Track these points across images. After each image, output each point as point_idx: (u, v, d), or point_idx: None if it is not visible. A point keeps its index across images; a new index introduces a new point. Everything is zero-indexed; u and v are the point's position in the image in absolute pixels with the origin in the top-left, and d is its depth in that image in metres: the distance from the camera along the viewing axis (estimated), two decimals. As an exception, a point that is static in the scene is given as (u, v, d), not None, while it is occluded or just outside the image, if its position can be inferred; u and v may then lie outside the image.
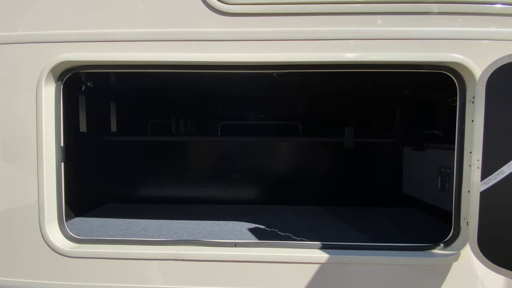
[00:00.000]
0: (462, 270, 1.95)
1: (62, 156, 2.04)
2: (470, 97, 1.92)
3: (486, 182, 1.69)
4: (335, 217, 2.97)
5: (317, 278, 1.95)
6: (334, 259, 1.94)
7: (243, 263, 1.95)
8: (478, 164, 1.70)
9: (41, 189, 1.95)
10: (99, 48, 1.89)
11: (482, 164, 1.69)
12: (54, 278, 2.00)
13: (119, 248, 2.03)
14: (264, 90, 3.45)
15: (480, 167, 1.69)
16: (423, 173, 3.29)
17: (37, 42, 1.92)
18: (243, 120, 4.14)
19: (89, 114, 3.23)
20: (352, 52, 1.92)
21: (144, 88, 3.58)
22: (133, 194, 3.76)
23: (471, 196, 1.73)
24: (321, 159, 3.88)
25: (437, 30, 1.91)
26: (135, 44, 1.89)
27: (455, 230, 2.01)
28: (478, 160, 1.70)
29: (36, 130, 1.93)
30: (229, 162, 3.90)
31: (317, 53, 1.91)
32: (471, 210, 1.73)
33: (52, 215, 2.03)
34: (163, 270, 1.98)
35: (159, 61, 1.91)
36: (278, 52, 1.90)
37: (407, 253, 2.00)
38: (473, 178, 1.73)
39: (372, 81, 3.14)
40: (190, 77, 2.65)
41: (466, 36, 1.91)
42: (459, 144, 1.98)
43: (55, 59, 1.90)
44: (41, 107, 1.93)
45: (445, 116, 3.06)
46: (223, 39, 1.88)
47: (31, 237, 1.99)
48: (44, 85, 1.92)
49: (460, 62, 1.89)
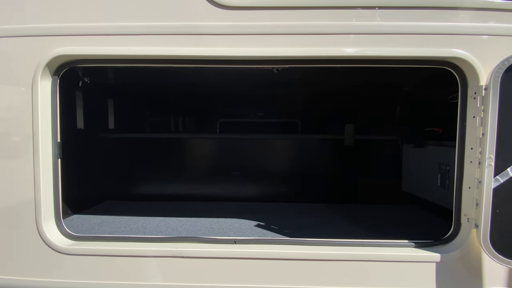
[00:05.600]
0: (463, 266, 1.94)
1: (59, 152, 2.01)
2: (472, 93, 1.91)
3: (499, 178, 1.69)
4: (334, 214, 2.96)
5: (317, 274, 1.94)
6: (334, 255, 1.93)
7: (243, 260, 1.93)
8: (491, 161, 1.70)
9: (38, 186, 1.92)
10: (96, 42, 1.86)
11: (494, 160, 1.69)
12: (51, 275, 1.98)
13: (117, 245, 2.01)
14: (264, 87, 3.43)
15: (493, 164, 1.69)
16: (422, 170, 3.28)
17: (32, 36, 1.88)
18: (242, 117, 4.12)
19: (86, 111, 3.20)
20: (353, 47, 1.90)
21: (143, 84, 3.55)
22: (131, 192, 3.73)
23: (484, 192, 1.73)
24: (320, 156, 3.87)
25: (439, 25, 1.89)
26: (133, 38, 1.85)
27: (455, 227, 2.00)
28: (491, 157, 1.70)
29: (32, 125, 1.90)
30: (227, 159, 3.88)
31: (318, 47, 1.89)
32: (484, 206, 1.74)
33: (49, 212, 2.00)
34: (161, 267, 1.96)
35: (158, 55, 1.87)
36: (279, 47, 1.88)
37: (407, 249, 2.00)
38: (486, 174, 1.72)
39: (371, 78, 3.12)
40: (189, 74, 2.62)
41: (468, 31, 1.89)
42: (460, 140, 1.97)
43: (51, 53, 1.86)
44: (37, 102, 1.89)
45: (445, 113, 3.06)
46: (223, 33, 1.85)
47: (27, 234, 1.96)
48: (40, 80, 1.88)
49: (462, 58, 1.87)
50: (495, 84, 1.71)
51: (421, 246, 2.01)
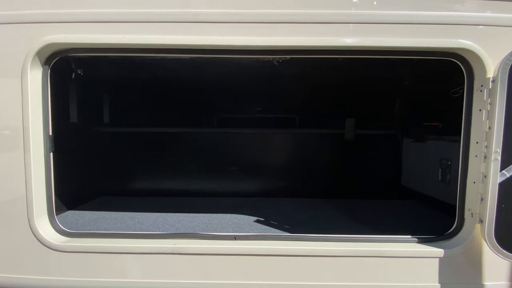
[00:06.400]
0: (466, 261, 1.92)
1: (51, 145, 1.93)
2: (478, 85, 1.86)
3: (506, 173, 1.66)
4: (334, 209, 2.93)
5: (320, 270, 1.90)
6: (336, 251, 1.90)
7: (243, 256, 1.89)
8: (497, 155, 1.67)
9: (29, 180, 1.85)
10: (89, 29, 1.76)
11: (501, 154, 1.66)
12: (44, 273, 1.91)
13: (112, 242, 1.95)
14: (263, 81, 3.36)
15: (499, 158, 1.65)
16: (423, 165, 3.26)
17: (21, 23, 1.78)
18: (241, 113, 4.04)
19: (80, 104, 3.11)
20: (354, 36, 1.82)
21: (138, 77, 3.46)
22: (127, 187, 3.67)
23: (489, 187, 1.70)
24: (320, 150, 3.83)
25: (444, 14, 1.83)
26: (128, 25, 1.76)
27: (458, 222, 1.97)
28: (497, 151, 1.67)
29: (22, 118, 1.81)
30: (225, 154, 3.83)
31: (319, 37, 1.81)
32: (489, 201, 1.71)
33: (42, 208, 1.92)
34: (159, 264, 1.91)
35: (154, 43, 1.78)
36: (280, 36, 1.80)
37: (410, 245, 1.97)
38: (491, 169, 1.69)
39: (372, 71, 3.07)
40: (187, 66, 2.53)
41: (476, 21, 1.84)
42: (465, 134, 1.93)
43: (41, 41, 1.77)
44: (27, 93, 1.80)
45: (446, 107, 3.03)
46: (223, 20, 1.77)
47: (19, 231, 1.89)
48: (29, 70, 1.79)
49: (469, 49, 1.82)
50: (503, 77, 1.67)
51: (424, 241, 1.99)
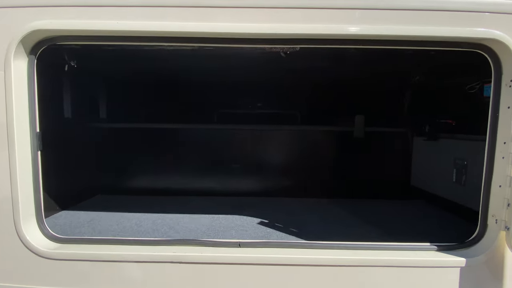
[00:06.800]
0: (489, 271, 1.78)
1: (38, 143, 1.76)
2: (508, 80, 1.71)
3: None
4: (342, 210, 2.80)
5: (332, 281, 1.76)
6: (351, 261, 1.75)
7: (248, 265, 1.74)
8: None
9: (15, 182, 1.69)
10: (78, 14, 1.58)
11: None
12: (33, 282, 1.76)
13: (107, 248, 1.80)
14: (269, 74, 3.20)
15: None
16: (434, 165, 3.11)
17: (2, 7, 1.60)
18: (243, 109, 3.88)
19: (74, 98, 2.94)
20: (369, 24, 1.63)
21: (135, 70, 3.30)
22: (124, 185, 3.53)
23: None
24: (327, 148, 3.68)
25: (471, 0, 1.65)
26: (123, 10, 1.57)
27: (481, 228, 1.83)
28: None
29: (6, 113, 1.64)
30: (227, 151, 3.68)
31: (332, 24, 1.63)
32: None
33: (29, 211, 1.77)
34: (158, 274, 1.76)
35: (152, 31, 1.60)
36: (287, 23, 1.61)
37: (429, 253, 1.83)
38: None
39: (382, 65, 2.90)
40: (187, 56, 2.35)
41: (506, 9, 1.66)
42: (491, 133, 1.77)
43: (26, 27, 1.59)
44: (10, 85, 1.63)
45: (461, 104, 2.87)
46: (228, 5, 1.58)
47: (5, 237, 1.73)
48: (13, 59, 1.61)
49: (498, 39, 1.65)
50: None
51: (444, 249, 1.85)
